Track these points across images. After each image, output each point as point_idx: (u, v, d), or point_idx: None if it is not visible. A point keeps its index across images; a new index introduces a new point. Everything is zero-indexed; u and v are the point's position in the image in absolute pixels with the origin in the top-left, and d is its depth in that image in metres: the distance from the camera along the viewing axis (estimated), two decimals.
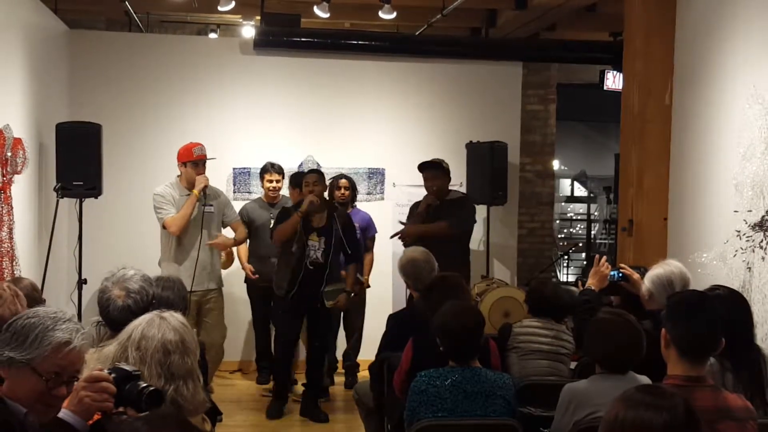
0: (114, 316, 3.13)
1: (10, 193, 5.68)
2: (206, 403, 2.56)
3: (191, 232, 6.14)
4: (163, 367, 2.42)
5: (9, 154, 5.66)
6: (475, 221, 6.79)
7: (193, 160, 6.16)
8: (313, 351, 6.32)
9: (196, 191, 6.07)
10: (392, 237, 6.74)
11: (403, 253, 5.11)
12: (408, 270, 4.82)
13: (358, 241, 6.45)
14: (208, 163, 6.30)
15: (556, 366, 4.31)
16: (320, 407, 6.32)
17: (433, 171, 6.53)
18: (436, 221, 6.43)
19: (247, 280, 7.12)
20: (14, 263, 5.68)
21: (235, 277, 7.21)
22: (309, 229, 6.08)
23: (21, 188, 5.99)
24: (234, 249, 6.91)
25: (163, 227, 6.12)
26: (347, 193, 7.07)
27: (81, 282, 6.29)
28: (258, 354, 7.33)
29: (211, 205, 6.28)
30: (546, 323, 4.37)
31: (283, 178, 7.03)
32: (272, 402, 6.37)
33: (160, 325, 2.49)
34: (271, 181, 6.98)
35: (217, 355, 6.27)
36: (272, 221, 6.72)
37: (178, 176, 6.28)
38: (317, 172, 6.36)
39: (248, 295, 7.21)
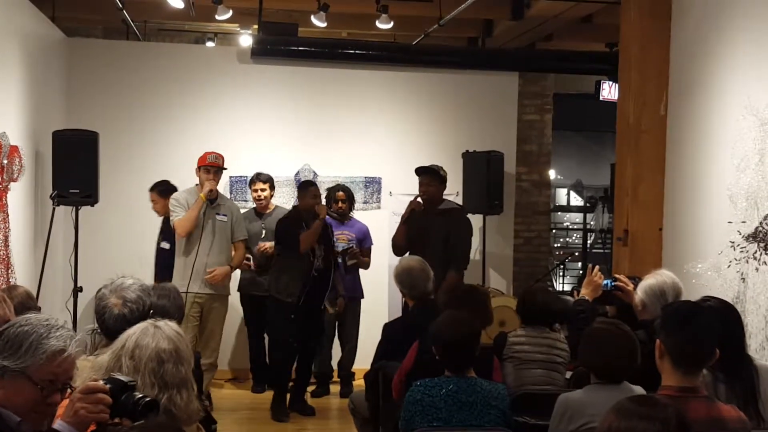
0: (109, 325, 3.12)
1: (6, 200, 5.68)
2: (200, 412, 2.55)
3: (200, 236, 6.21)
4: (157, 376, 2.42)
5: (5, 161, 5.66)
6: (471, 235, 6.71)
7: (205, 166, 6.28)
8: (307, 351, 6.56)
9: (202, 195, 6.19)
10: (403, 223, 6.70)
11: (399, 261, 5.11)
12: (403, 278, 4.82)
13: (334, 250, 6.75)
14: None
15: (552, 375, 4.30)
16: (307, 401, 6.60)
17: (429, 177, 6.51)
18: (426, 230, 6.42)
19: (240, 289, 7.12)
20: (9, 271, 5.68)
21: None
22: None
23: (17, 196, 5.99)
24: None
25: (174, 229, 6.25)
26: (344, 205, 7.09)
27: (76, 290, 6.29)
28: (252, 362, 7.32)
29: (225, 215, 6.37)
30: (541, 332, 4.35)
31: (272, 187, 7.05)
32: (276, 406, 6.44)
33: (154, 334, 2.49)
34: (256, 191, 7.03)
35: (210, 359, 6.27)
36: (263, 231, 6.92)
37: (197, 184, 6.36)
38: (313, 184, 6.65)
39: (241, 303, 7.21)
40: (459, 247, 6.43)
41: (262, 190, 7.00)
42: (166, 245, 6.68)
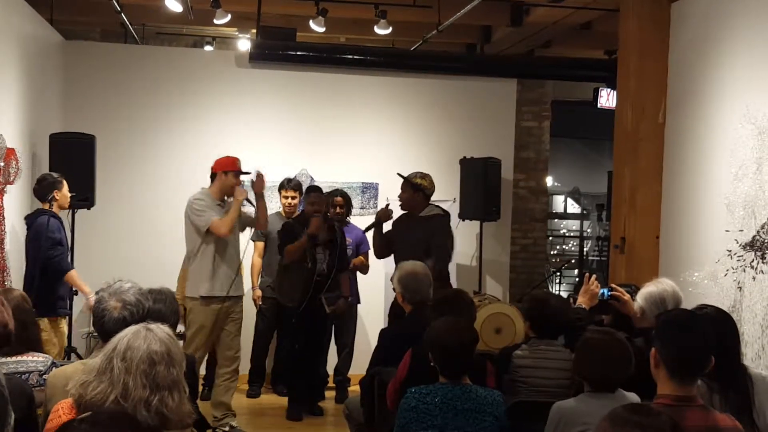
0: (108, 328, 3.11)
1: (2, 203, 5.66)
2: (192, 414, 2.54)
3: (233, 238, 6.07)
4: (149, 378, 2.41)
5: (2, 164, 5.65)
6: (452, 240, 6.62)
7: (235, 171, 6.07)
8: (315, 355, 6.63)
9: (240, 198, 5.97)
10: (366, 230, 6.85)
11: (401, 266, 5.06)
12: (408, 282, 4.77)
13: (347, 253, 6.83)
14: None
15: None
16: (316, 404, 6.73)
17: (402, 184, 6.61)
18: (408, 237, 6.37)
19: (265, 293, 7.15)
20: (5, 274, 5.66)
21: None
22: (314, 243, 6.41)
23: (13, 198, 5.97)
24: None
25: (207, 231, 5.87)
26: (342, 210, 7.07)
27: (72, 293, 6.26)
28: (253, 367, 7.28)
29: None
30: (548, 346, 4.05)
31: (300, 194, 7.04)
32: (289, 407, 6.61)
33: (146, 336, 2.48)
34: (287, 197, 7.04)
35: (234, 363, 6.10)
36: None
37: (203, 187, 6.14)
38: (318, 189, 6.62)
39: (261, 307, 7.17)
40: (437, 252, 6.35)
41: (293, 197, 7.04)
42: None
